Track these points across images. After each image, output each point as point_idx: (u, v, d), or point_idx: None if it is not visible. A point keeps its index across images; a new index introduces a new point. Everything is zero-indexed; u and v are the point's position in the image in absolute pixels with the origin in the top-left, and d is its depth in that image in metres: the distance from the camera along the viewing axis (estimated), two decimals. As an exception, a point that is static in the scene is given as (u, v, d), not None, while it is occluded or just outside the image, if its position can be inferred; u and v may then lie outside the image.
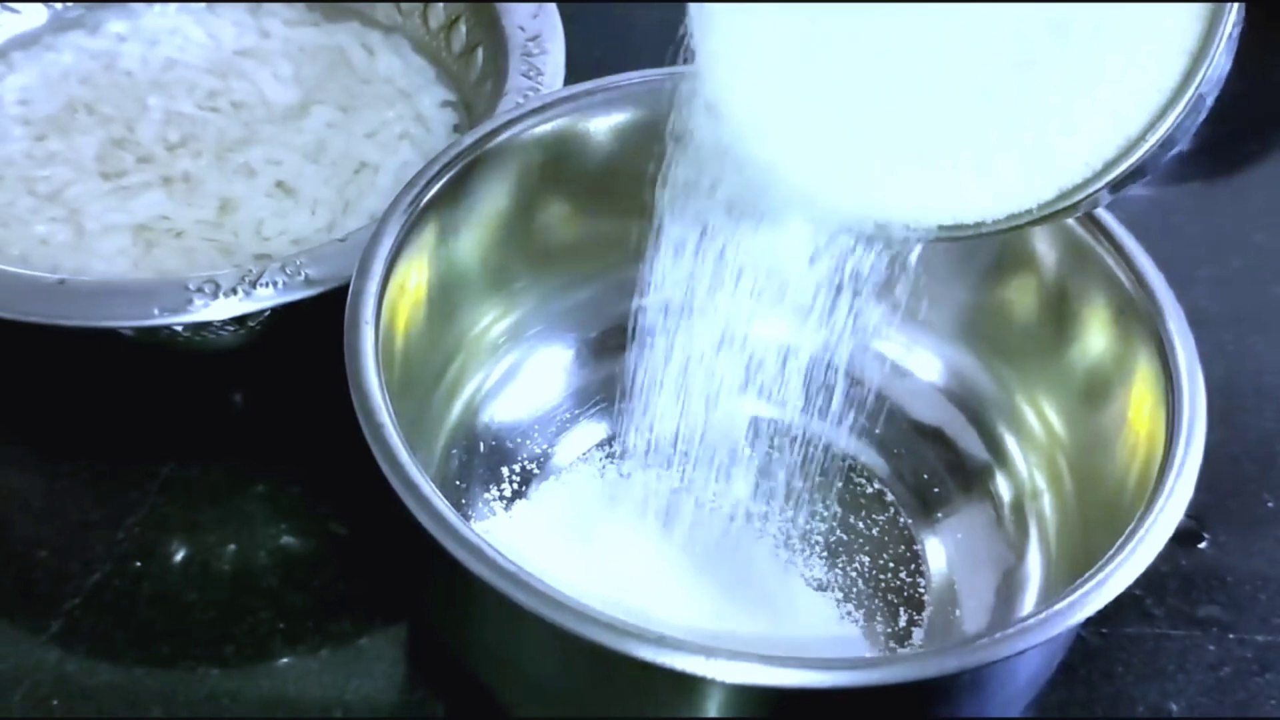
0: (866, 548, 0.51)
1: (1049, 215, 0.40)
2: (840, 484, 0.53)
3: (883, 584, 0.50)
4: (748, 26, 0.40)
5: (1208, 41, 0.37)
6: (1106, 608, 0.39)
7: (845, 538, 0.51)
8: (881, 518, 0.52)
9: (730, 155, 0.41)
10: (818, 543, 0.51)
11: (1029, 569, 0.49)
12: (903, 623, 0.49)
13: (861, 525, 0.52)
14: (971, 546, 0.51)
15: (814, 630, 0.48)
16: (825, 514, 0.52)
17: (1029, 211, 0.40)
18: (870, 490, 0.53)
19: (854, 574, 0.50)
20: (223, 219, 0.58)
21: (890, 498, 0.53)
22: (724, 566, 0.49)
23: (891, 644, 0.48)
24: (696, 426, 0.49)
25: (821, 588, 0.50)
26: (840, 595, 0.50)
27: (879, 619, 0.49)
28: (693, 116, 0.42)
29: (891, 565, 0.51)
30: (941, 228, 0.40)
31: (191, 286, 0.50)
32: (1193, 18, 0.37)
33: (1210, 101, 0.38)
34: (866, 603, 0.49)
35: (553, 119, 0.51)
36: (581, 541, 0.49)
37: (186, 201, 0.59)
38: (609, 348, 0.55)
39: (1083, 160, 0.39)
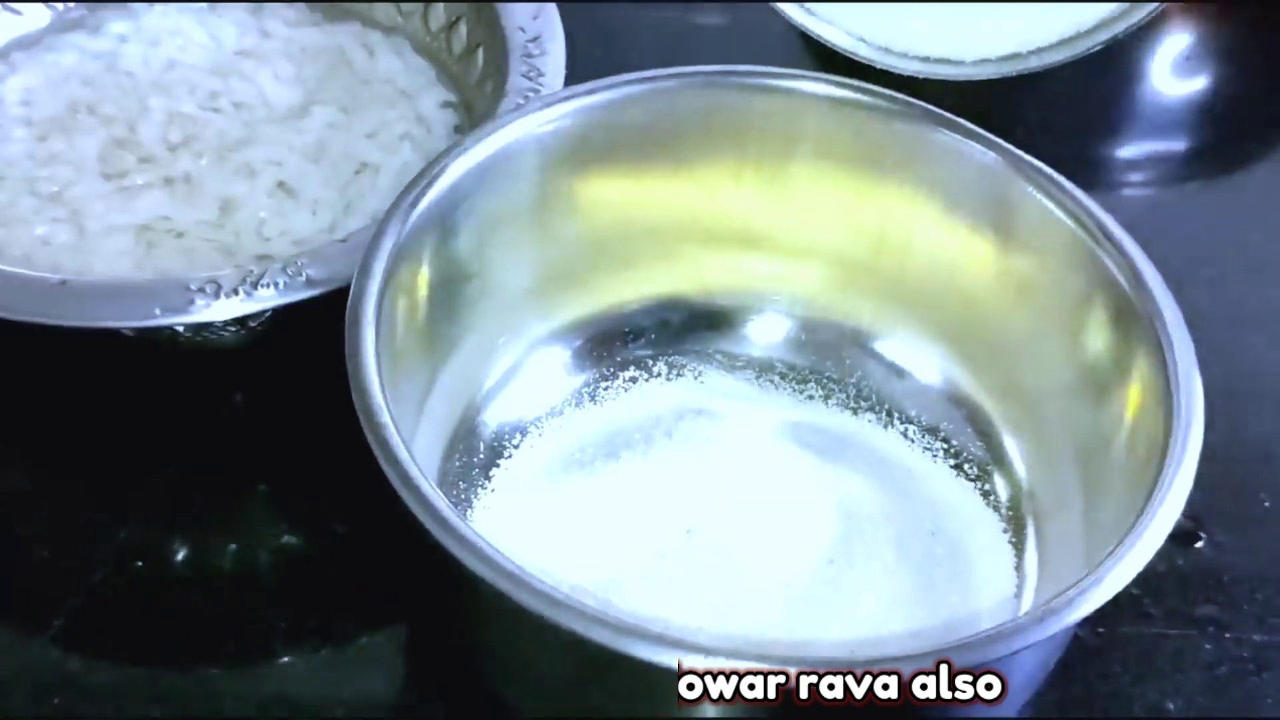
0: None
1: None
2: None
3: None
4: None
5: None
6: (1104, 607, 0.39)
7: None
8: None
9: None
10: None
11: (1027, 568, 0.49)
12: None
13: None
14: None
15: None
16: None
17: None
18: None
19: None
20: (224, 219, 0.58)
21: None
22: (727, 571, 0.49)
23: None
24: None
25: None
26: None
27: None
28: None
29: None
30: None
31: (193, 287, 0.50)
32: None
33: None
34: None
35: (553, 120, 0.51)
36: (584, 537, 0.49)
37: (188, 202, 0.59)
38: (609, 348, 0.56)
39: None
